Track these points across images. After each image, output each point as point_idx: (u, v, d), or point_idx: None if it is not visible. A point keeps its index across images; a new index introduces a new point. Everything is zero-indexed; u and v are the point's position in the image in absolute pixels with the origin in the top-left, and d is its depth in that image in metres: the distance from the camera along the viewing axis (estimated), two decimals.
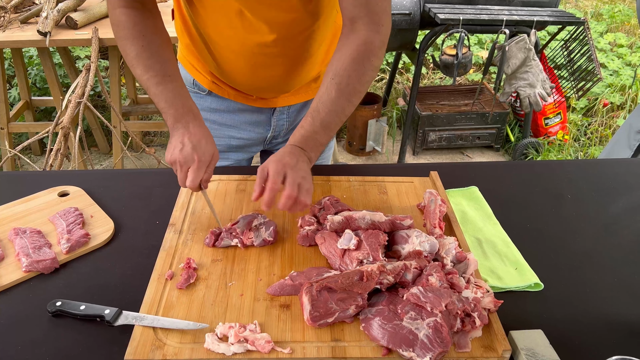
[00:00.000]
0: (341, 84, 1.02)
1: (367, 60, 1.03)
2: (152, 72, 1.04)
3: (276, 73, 1.20)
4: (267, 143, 1.40)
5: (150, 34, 1.06)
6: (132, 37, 1.05)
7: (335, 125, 1.04)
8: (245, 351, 0.79)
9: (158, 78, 1.04)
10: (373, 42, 1.03)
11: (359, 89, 1.04)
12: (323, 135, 1.04)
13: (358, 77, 1.03)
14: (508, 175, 1.33)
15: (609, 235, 1.12)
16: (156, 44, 1.06)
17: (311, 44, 1.18)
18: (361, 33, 1.02)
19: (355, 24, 1.03)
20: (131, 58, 1.05)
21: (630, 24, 5.05)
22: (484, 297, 0.86)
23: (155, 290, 0.89)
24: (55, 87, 2.77)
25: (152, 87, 1.04)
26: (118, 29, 1.06)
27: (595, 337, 0.88)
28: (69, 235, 1.00)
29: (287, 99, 1.31)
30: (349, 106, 1.04)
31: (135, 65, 1.05)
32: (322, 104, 1.03)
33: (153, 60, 1.05)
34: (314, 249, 1.01)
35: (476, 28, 2.78)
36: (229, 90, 1.29)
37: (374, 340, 0.81)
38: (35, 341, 0.82)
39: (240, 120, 1.33)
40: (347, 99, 1.03)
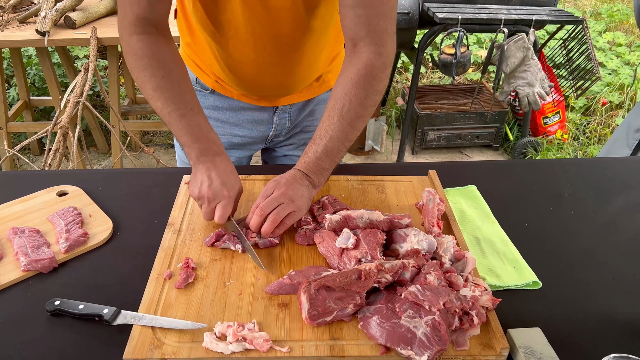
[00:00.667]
0: (342, 110, 1.01)
1: (369, 85, 1.01)
2: (174, 106, 1.01)
3: (278, 79, 1.20)
4: (269, 141, 1.40)
5: (170, 63, 1.03)
6: (151, 67, 1.01)
7: (339, 151, 1.03)
8: (244, 350, 0.79)
9: (181, 111, 1.02)
10: (374, 65, 1.01)
11: (362, 114, 1.02)
12: (326, 161, 1.03)
13: (360, 101, 1.01)
14: (506, 174, 1.33)
15: (608, 233, 1.12)
16: (176, 74, 1.03)
17: (314, 47, 1.18)
18: (363, 56, 1.01)
19: (357, 45, 1.01)
20: (150, 90, 1.02)
21: (629, 22, 5.05)
22: (482, 296, 0.86)
23: (154, 290, 0.89)
24: (54, 86, 2.77)
25: (175, 122, 1.02)
26: (135, 59, 1.02)
27: (593, 335, 0.88)
28: (67, 234, 1.00)
29: (289, 98, 1.31)
30: (353, 131, 1.03)
31: (155, 97, 1.02)
32: (324, 130, 1.02)
33: (174, 93, 1.02)
34: (312, 248, 1.01)
35: (475, 27, 2.78)
36: (232, 90, 1.29)
37: (372, 338, 0.81)
38: (33, 340, 0.82)
39: (243, 118, 1.33)
40: (349, 124, 1.01)
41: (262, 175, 1.20)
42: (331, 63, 1.31)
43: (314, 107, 1.36)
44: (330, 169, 1.05)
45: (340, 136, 1.02)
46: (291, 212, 0.97)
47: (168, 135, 3.47)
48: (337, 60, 1.32)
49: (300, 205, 0.99)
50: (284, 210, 0.96)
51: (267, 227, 0.95)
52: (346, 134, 1.02)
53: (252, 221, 0.97)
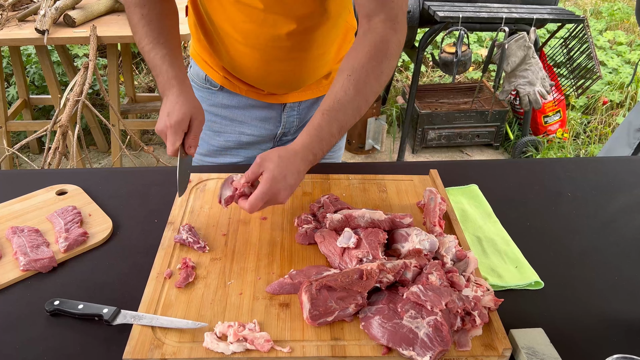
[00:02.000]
0: (359, 82, 0.99)
1: (385, 59, 1.00)
2: (148, 38, 1.06)
3: (288, 68, 1.19)
4: (277, 140, 1.39)
5: (153, 3, 1.08)
6: (136, 4, 1.07)
7: (350, 124, 1.01)
8: (245, 350, 0.78)
9: (152, 45, 1.06)
10: (390, 40, 1.00)
11: (376, 89, 1.01)
12: (337, 136, 1.00)
13: (376, 76, 1.00)
14: (508, 173, 1.33)
15: (609, 233, 1.11)
16: (158, 12, 1.08)
17: (324, 41, 1.17)
18: (378, 30, 1.00)
19: (372, 21, 1.00)
20: (133, 23, 1.08)
21: (630, 21, 5.05)
22: (484, 296, 0.86)
23: (154, 289, 0.88)
24: (54, 85, 2.76)
25: (146, 54, 1.06)
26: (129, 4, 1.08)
27: (596, 335, 0.87)
28: (67, 233, 1.00)
29: (298, 95, 1.30)
30: (365, 105, 1.01)
31: (136, 30, 1.08)
32: (338, 102, 0.98)
33: (150, 28, 1.06)
34: (313, 247, 1.00)
35: (475, 26, 2.78)
36: (240, 86, 1.28)
37: (374, 339, 0.80)
38: (33, 340, 0.82)
39: (251, 116, 1.32)
40: (363, 97, 1.00)
41: None
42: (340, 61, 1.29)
43: None
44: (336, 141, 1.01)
45: (354, 109, 0.99)
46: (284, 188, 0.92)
47: None
48: None
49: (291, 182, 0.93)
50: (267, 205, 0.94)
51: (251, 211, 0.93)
52: (359, 107, 1.00)
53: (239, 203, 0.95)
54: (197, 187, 1.15)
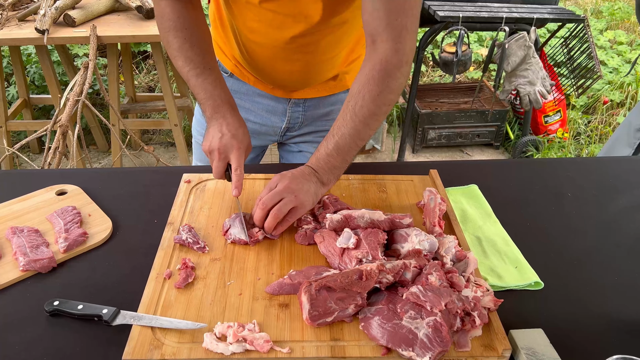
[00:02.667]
0: (356, 107, 1.00)
1: (383, 82, 0.99)
2: (192, 64, 1.08)
3: (294, 69, 1.20)
4: (282, 135, 1.40)
5: (193, 26, 1.09)
6: (175, 29, 1.07)
7: (350, 149, 1.02)
8: (244, 351, 0.78)
9: (198, 70, 1.08)
10: (390, 61, 0.98)
11: (375, 112, 1.00)
12: (337, 158, 1.02)
13: (372, 98, 0.99)
14: (508, 173, 1.33)
15: (610, 233, 1.11)
16: (198, 36, 1.09)
17: (333, 45, 1.17)
18: (379, 52, 0.99)
19: (375, 41, 0.99)
20: (174, 50, 1.09)
21: (630, 21, 5.04)
22: (484, 296, 0.86)
23: (154, 290, 0.88)
24: (54, 85, 2.76)
25: (192, 79, 1.08)
26: (162, 20, 1.09)
27: (596, 336, 0.87)
28: (66, 234, 0.99)
29: (304, 93, 1.31)
30: (366, 130, 1.01)
31: (177, 56, 1.09)
32: (336, 127, 1.02)
33: (194, 53, 1.08)
34: (312, 247, 1.00)
35: (476, 25, 2.77)
36: (249, 76, 1.30)
37: (374, 339, 0.80)
38: (32, 341, 0.82)
39: (258, 106, 1.34)
40: (362, 122, 1.00)
41: (262, 174, 1.20)
42: (350, 64, 1.30)
43: (330, 108, 1.35)
44: (342, 168, 1.04)
45: (352, 134, 1.01)
46: (294, 208, 0.97)
47: (168, 134, 3.46)
48: (356, 62, 1.30)
49: (304, 200, 0.98)
50: (286, 206, 0.96)
51: (269, 222, 0.96)
52: (358, 131, 1.01)
53: (255, 215, 0.98)
54: (196, 187, 1.15)
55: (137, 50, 4.04)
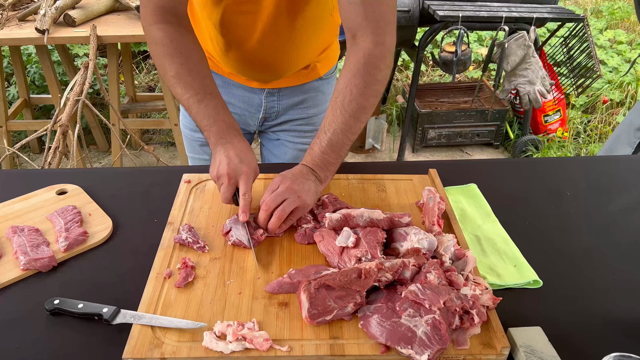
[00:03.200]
0: (344, 102, 1.01)
1: (368, 74, 1.00)
2: (192, 91, 1.04)
3: (267, 59, 1.22)
4: (260, 125, 1.42)
5: (188, 50, 1.06)
6: (170, 54, 1.04)
7: (343, 144, 1.03)
8: (244, 349, 0.79)
9: (199, 96, 1.04)
10: (373, 54, 1.00)
11: (363, 104, 1.02)
12: (332, 155, 1.04)
13: (360, 92, 1.01)
14: (507, 172, 1.33)
15: (608, 232, 1.11)
16: (194, 60, 1.06)
17: (303, 35, 1.18)
18: (361, 45, 1.00)
19: (356, 37, 1.01)
20: (170, 77, 1.05)
21: (630, 20, 5.04)
22: (483, 294, 0.86)
23: (154, 289, 0.89)
24: (54, 85, 2.76)
25: (194, 106, 1.04)
26: (156, 47, 1.06)
27: (594, 334, 0.87)
28: (67, 233, 1.00)
29: (277, 83, 1.32)
30: (356, 123, 1.03)
31: (175, 84, 1.05)
32: (327, 124, 1.03)
33: (192, 78, 1.05)
34: (312, 247, 1.00)
35: (475, 25, 2.77)
36: (223, 68, 1.31)
37: (373, 337, 0.81)
38: (33, 339, 0.82)
39: (234, 97, 1.35)
40: (352, 116, 1.01)
41: (262, 174, 1.20)
42: (321, 53, 1.33)
43: (304, 96, 1.38)
44: (337, 163, 1.06)
45: (343, 128, 1.02)
46: (296, 207, 0.98)
47: (168, 134, 3.46)
48: (327, 51, 1.34)
49: (306, 200, 0.99)
50: (289, 206, 0.97)
51: (273, 223, 0.97)
52: (350, 126, 1.02)
53: (259, 216, 0.99)
54: (196, 187, 1.15)
55: (137, 50, 4.04)
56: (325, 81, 1.39)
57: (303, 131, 1.42)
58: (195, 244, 0.98)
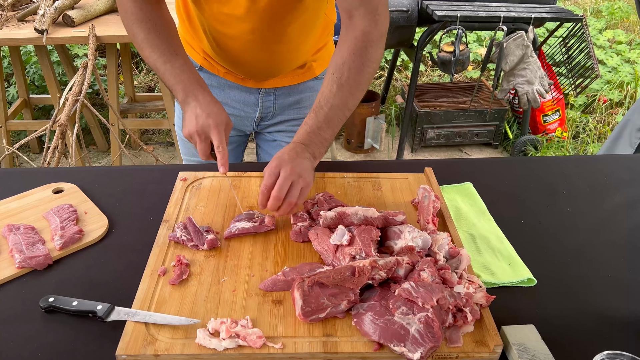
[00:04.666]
0: (341, 78, 1.03)
1: (366, 52, 1.03)
2: (158, 52, 1.09)
3: (263, 58, 1.23)
4: (257, 124, 1.42)
5: (156, 17, 1.11)
6: (139, 21, 1.09)
7: (339, 120, 1.05)
8: (237, 346, 0.79)
9: (165, 57, 1.09)
10: (370, 32, 1.03)
11: (360, 81, 1.04)
12: (327, 131, 1.05)
13: (357, 69, 1.03)
14: (502, 171, 1.33)
15: (603, 231, 1.12)
16: (162, 25, 1.11)
17: (299, 35, 1.20)
18: (358, 25, 1.03)
19: (352, 17, 1.03)
20: (140, 40, 1.10)
21: (630, 20, 5.04)
22: (476, 293, 0.86)
23: (148, 286, 0.89)
24: (53, 85, 2.77)
25: (160, 66, 1.10)
26: (126, 15, 1.11)
27: (587, 332, 0.88)
28: (62, 231, 1.00)
29: (274, 82, 1.33)
30: (352, 100, 1.05)
31: (143, 47, 1.10)
32: (324, 99, 1.04)
33: (159, 41, 1.10)
34: (307, 245, 1.01)
35: (474, 25, 2.78)
36: (219, 68, 1.32)
37: (366, 335, 0.81)
38: (27, 337, 0.82)
39: (230, 98, 1.36)
40: (349, 92, 1.04)
41: (259, 172, 1.20)
42: (317, 53, 1.34)
43: (300, 96, 1.38)
44: (330, 140, 1.06)
45: (340, 104, 1.04)
46: (302, 188, 0.99)
47: (167, 134, 3.47)
48: (322, 51, 1.35)
49: (309, 180, 1.00)
50: (297, 190, 0.98)
51: (285, 209, 0.98)
52: (346, 102, 1.04)
53: (270, 205, 0.97)
54: (192, 185, 1.15)
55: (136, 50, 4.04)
56: (320, 81, 1.39)
57: None
58: (190, 242, 0.98)
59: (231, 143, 1.45)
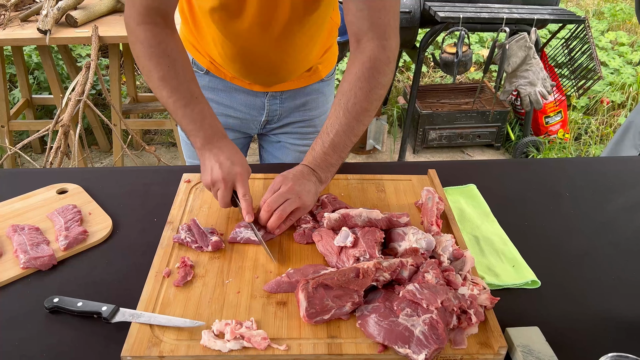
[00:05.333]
0: (348, 104, 1.02)
1: (373, 78, 1.02)
2: (178, 94, 1.03)
3: (271, 66, 1.23)
4: (262, 128, 1.42)
5: (175, 53, 1.05)
6: (157, 56, 1.03)
7: (345, 145, 1.04)
8: (242, 348, 0.79)
9: (185, 100, 1.04)
10: (378, 58, 1.02)
11: (367, 107, 1.03)
12: (333, 156, 1.04)
13: (364, 95, 1.02)
14: (506, 173, 1.33)
15: (607, 233, 1.11)
16: (181, 64, 1.05)
17: (306, 42, 1.20)
18: (367, 50, 1.02)
19: (361, 41, 1.03)
20: (156, 79, 1.03)
21: (632, 22, 5.04)
22: (481, 294, 0.86)
23: (153, 288, 0.89)
24: (56, 85, 2.77)
25: (180, 110, 1.04)
26: (141, 47, 1.03)
27: (592, 334, 0.88)
28: (66, 232, 1.00)
29: (280, 86, 1.33)
30: (359, 125, 1.04)
31: (160, 87, 1.04)
32: (330, 125, 1.04)
33: (179, 82, 1.04)
34: (311, 246, 1.01)
35: (476, 26, 2.78)
36: (225, 72, 1.31)
37: (370, 337, 0.81)
38: (32, 337, 0.82)
39: (236, 101, 1.36)
40: (355, 118, 1.03)
41: (262, 174, 1.21)
42: (322, 55, 1.34)
43: (306, 99, 1.38)
44: (337, 164, 1.06)
45: (346, 130, 1.03)
46: (297, 208, 0.99)
47: (169, 134, 3.47)
48: (328, 53, 1.35)
49: (306, 201, 1.00)
50: (290, 206, 0.98)
51: (273, 222, 0.98)
52: (352, 127, 1.03)
53: (260, 215, 0.99)
54: (196, 187, 1.16)
55: None
56: (325, 83, 1.40)
57: (304, 133, 1.42)
58: (194, 244, 0.98)
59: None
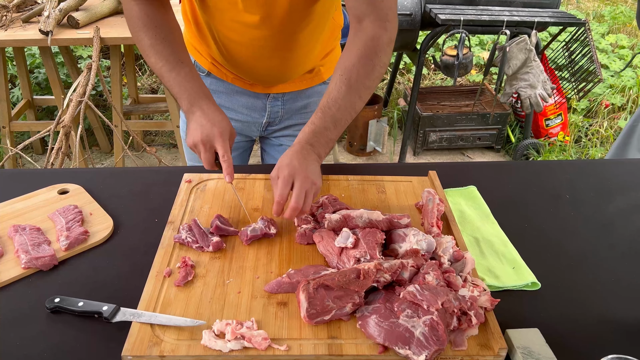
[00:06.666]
0: (350, 80, 1.04)
1: (375, 56, 1.05)
2: (164, 60, 1.09)
3: (272, 65, 1.23)
4: (264, 129, 1.42)
5: (163, 24, 1.11)
6: (145, 27, 1.09)
7: (345, 121, 1.06)
8: (242, 348, 0.79)
9: (170, 65, 1.09)
10: (380, 38, 1.04)
11: (368, 85, 1.06)
12: (333, 131, 1.05)
13: (367, 73, 1.05)
14: (506, 175, 1.33)
15: (607, 235, 1.12)
16: (168, 33, 1.11)
17: (308, 41, 1.21)
18: (368, 30, 1.04)
19: (362, 22, 1.05)
20: (145, 47, 1.10)
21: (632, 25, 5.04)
22: (481, 296, 0.86)
23: (153, 287, 0.89)
24: (57, 86, 2.78)
25: (166, 74, 1.09)
26: (132, 21, 1.10)
27: (592, 336, 0.88)
28: (68, 232, 1.01)
29: (282, 87, 1.34)
30: (359, 102, 1.06)
31: (149, 54, 1.10)
32: (332, 100, 1.04)
33: (165, 48, 1.09)
34: (311, 247, 1.01)
35: (477, 29, 2.78)
36: (227, 73, 1.32)
37: (371, 337, 0.81)
38: (33, 337, 0.83)
39: (238, 103, 1.36)
40: (356, 94, 1.05)
41: (263, 174, 1.21)
42: (324, 57, 1.34)
43: (307, 101, 1.39)
44: (334, 141, 1.07)
45: (348, 106, 1.04)
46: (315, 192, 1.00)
47: (170, 135, 3.47)
48: (330, 55, 1.36)
49: (319, 183, 1.01)
50: (311, 199, 0.99)
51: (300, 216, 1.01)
52: (353, 104, 1.05)
53: (287, 215, 0.97)
54: (197, 187, 1.16)
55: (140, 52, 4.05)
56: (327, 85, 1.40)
57: None
58: (195, 244, 0.98)
59: (237, 149, 1.45)
